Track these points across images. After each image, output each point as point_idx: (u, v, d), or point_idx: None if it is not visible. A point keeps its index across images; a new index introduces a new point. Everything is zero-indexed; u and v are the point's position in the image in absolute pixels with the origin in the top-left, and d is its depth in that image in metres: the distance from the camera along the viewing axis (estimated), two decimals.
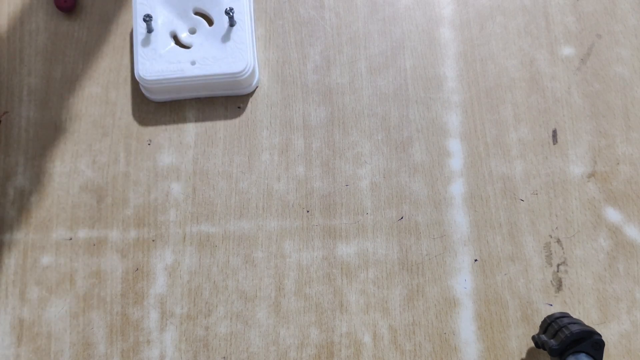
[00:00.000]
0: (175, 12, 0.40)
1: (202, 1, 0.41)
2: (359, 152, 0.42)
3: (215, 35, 0.40)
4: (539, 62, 0.43)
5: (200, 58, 0.40)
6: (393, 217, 0.41)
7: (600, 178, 0.41)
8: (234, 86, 0.41)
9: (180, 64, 0.40)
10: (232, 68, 0.40)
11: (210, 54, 0.40)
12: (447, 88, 0.43)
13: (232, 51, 0.40)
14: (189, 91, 0.41)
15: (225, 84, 0.40)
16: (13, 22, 0.43)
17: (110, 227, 0.40)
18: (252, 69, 0.40)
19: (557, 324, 0.36)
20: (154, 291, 0.39)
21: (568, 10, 0.44)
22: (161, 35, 0.40)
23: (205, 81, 0.40)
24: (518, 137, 0.42)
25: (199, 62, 0.40)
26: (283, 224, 0.40)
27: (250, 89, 0.42)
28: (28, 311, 0.39)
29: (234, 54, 0.40)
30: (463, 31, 0.44)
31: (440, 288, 0.40)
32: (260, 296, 0.39)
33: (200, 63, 0.40)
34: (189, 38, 0.41)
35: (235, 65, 0.40)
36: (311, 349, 0.39)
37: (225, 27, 0.40)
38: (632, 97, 0.43)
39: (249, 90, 0.42)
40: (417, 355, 0.39)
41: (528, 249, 0.40)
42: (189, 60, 0.40)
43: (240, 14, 0.40)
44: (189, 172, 0.41)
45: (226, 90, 0.42)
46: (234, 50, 0.40)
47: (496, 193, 0.41)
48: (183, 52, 0.40)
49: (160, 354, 0.38)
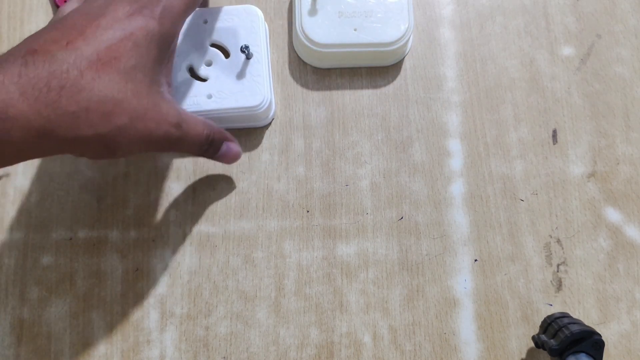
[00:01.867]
0: (192, 44, 0.40)
1: (219, 33, 0.40)
2: (359, 152, 0.42)
3: (232, 68, 0.40)
4: (539, 62, 0.43)
5: (216, 92, 0.39)
6: (393, 217, 0.41)
7: (600, 178, 0.41)
8: (250, 119, 0.41)
9: (196, 97, 0.39)
10: (248, 102, 0.39)
11: (227, 87, 0.39)
12: (447, 88, 0.43)
13: (249, 84, 0.39)
14: None
15: (241, 117, 0.40)
16: (13, 22, 0.43)
17: (110, 227, 0.40)
18: (269, 102, 0.40)
19: (557, 324, 0.36)
20: (154, 291, 0.39)
21: (568, 10, 0.44)
22: (177, 68, 0.39)
23: (220, 115, 0.39)
24: (518, 137, 0.42)
25: (215, 96, 0.39)
26: (283, 224, 0.40)
27: (266, 121, 0.42)
28: (28, 311, 0.39)
29: (250, 87, 0.39)
30: (463, 31, 0.44)
31: (440, 288, 0.40)
32: (260, 296, 0.39)
33: (216, 97, 0.39)
34: (205, 70, 0.40)
35: (252, 99, 0.39)
36: (311, 349, 0.39)
37: (241, 60, 0.40)
38: (632, 97, 0.43)
39: (265, 122, 0.42)
40: (417, 355, 0.39)
41: (528, 249, 0.40)
42: (205, 94, 0.39)
43: (256, 47, 0.40)
44: (189, 172, 0.41)
45: (242, 123, 0.41)
46: (250, 83, 0.39)
47: (496, 193, 0.41)
48: (199, 85, 0.39)
49: (160, 354, 0.38)
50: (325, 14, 0.40)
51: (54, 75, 0.27)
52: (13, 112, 0.26)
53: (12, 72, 0.27)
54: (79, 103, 0.28)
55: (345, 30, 0.40)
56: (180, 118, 0.32)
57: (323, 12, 0.41)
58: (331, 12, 0.40)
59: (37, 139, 0.27)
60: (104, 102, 0.28)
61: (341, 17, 0.40)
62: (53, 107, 0.27)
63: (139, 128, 0.30)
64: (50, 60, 0.27)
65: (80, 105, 0.28)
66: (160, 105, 0.31)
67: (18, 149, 0.27)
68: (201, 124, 0.34)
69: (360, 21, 0.40)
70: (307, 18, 0.40)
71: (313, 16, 0.40)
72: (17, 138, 0.27)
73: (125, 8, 0.30)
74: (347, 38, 0.40)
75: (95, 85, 0.28)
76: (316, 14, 0.40)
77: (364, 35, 0.40)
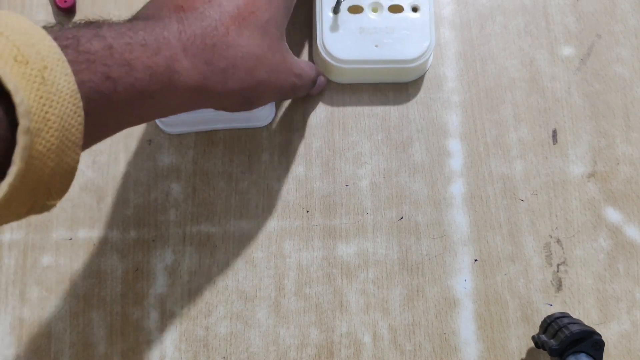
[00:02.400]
0: None
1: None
2: (359, 152, 0.42)
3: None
4: (539, 62, 0.43)
5: None
6: (393, 217, 0.41)
7: (600, 178, 0.41)
8: (250, 119, 0.41)
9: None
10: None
11: None
12: (447, 88, 0.43)
13: None
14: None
15: (242, 117, 0.40)
16: None
17: (110, 227, 0.40)
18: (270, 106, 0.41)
19: (557, 324, 0.36)
20: (154, 291, 0.39)
21: (568, 10, 0.44)
22: None
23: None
24: (518, 137, 0.42)
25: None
26: (283, 224, 0.40)
27: (266, 121, 0.42)
28: (28, 311, 0.39)
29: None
30: (463, 31, 0.44)
31: (440, 288, 0.40)
32: (260, 296, 0.39)
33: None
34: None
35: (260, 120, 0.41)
36: (311, 349, 0.39)
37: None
38: (632, 97, 0.43)
39: (265, 122, 0.42)
40: (417, 355, 0.39)
41: (528, 249, 0.40)
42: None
43: None
44: (189, 172, 0.41)
45: (242, 123, 0.41)
46: None
47: (496, 193, 0.41)
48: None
49: (160, 354, 0.38)
50: (347, 30, 0.40)
51: (206, 33, 0.29)
52: (178, 67, 0.27)
53: (173, 29, 0.28)
54: (227, 59, 0.29)
55: (367, 46, 0.40)
56: (300, 67, 0.35)
57: (344, 27, 0.40)
58: (352, 27, 0.40)
59: (194, 92, 0.29)
60: (247, 58, 0.30)
61: (362, 33, 0.40)
62: (208, 64, 0.29)
63: (273, 81, 0.32)
64: (200, 17, 0.29)
65: (228, 62, 0.29)
66: (286, 58, 0.33)
67: (179, 102, 0.29)
68: (309, 67, 0.36)
69: (382, 37, 0.40)
70: (329, 33, 0.40)
71: (334, 32, 0.40)
72: (180, 91, 0.28)
73: None
74: (368, 54, 0.40)
75: (239, 42, 0.30)
76: (337, 30, 0.40)
77: (386, 52, 0.40)
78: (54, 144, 0.21)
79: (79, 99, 0.22)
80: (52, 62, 0.22)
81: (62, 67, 0.22)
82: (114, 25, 0.26)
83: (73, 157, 0.23)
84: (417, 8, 0.40)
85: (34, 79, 0.21)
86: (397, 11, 0.40)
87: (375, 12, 0.40)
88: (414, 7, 0.41)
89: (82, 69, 0.24)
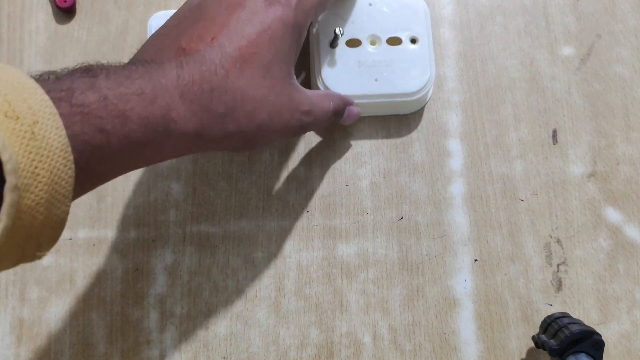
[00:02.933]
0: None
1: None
2: (359, 152, 0.42)
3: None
4: (539, 62, 0.43)
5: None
6: (393, 217, 0.41)
7: (600, 178, 0.41)
8: None
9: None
10: None
11: None
12: (447, 88, 0.43)
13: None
14: None
15: None
16: (13, 22, 0.43)
17: (110, 227, 0.40)
18: None
19: (557, 324, 0.36)
20: (153, 291, 0.39)
21: (568, 10, 0.44)
22: None
23: None
24: (518, 137, 0.42)
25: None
26: (283, 224, 0.40)
27: None
28: (28, 311, 0.39)
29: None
30: (463, 31, 0.44)
31: (440, 288, 0.40)
32: (260, 296, 0.39)
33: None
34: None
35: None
36: (311, 349, 0.39)
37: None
38: (632, 97, 0.43)
39: None
40: (417, 355, 0.39)
41: (528, 249, 0.40)
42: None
43: None
44: (189, 172, 0.41)
45: None
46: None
47: (496, 193, 0.41)
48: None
49: (160, 354, 0.38)
50: (345, 64, 0.39)
51: (204, 78, 0.28)
52: (175, 115, 0.27)
53: (171, 76, 0.27)
54: (226, 104, 0.29)
55: (366, 81, 0.39)
56: (310, 103, 0.33)
57: (342, 62, 0.39)
58: (351, 61, 0.39)
59: (191, 138, 0.28)
60: (246, 101, 0.29)
61: (361, 67, 0.39)
62: (206, 110, 0.28)
63: (275, 122, 0.31)
64: (200, 60, 0.28)
65: (227, 106, 0.29)
66: (293, 97, 0.32)
67: (174, 148, 0.28)
68: (326, 99, 0.35)
69: (381, 71, 0.39)
70: (327, 68, 0.39)
71: (332, 66, 0.39)
72: (175, 138, 0.28)
73: None
74: (368, 89, 0.39)
75: (239, 84, 0.29)
76: (335, 64, 0.39)
77: (385, 86, 0.39)
78: (43, 198, 0.21)
79: (69, 152, 0.22)
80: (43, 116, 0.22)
81: (53, 120, 0.22)
82: (112, 73, 0.26)
83: (63, 209, 0.23)
84: (416, 40, 0.40)
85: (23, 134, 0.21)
86: (395, 43, 0.40)
87: (374, 45, 0.40)
88: (412, 39, 0.40)
89: (74, 121, 0.23)
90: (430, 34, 0.40)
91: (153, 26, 0.40)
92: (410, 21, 0.40)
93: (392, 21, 0.40)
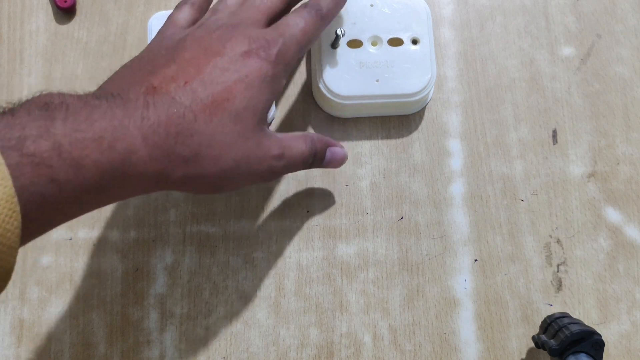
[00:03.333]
0: None
1: None
2: (359, 152, 0.42)
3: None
4: (539, 62, 0.43)
5: None
6: (393, 217, 0.41)
7: (600, 178, 0.41)
8: None
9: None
10: None
11: None
12: (447, 88, 0.43)
13: None
14: None
15: None
16: (13, 22, 0.43)
17: (110, 227, 0.40)
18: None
19: (557, 324, 0.36)
20: (154, 291, 0.39)
21: (568, 10, 0.44)
22: None
23: None
24: (518, 137, 0.42)
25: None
26: (283, 224, 0.40)
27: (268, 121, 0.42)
28: (28, 311, 0.39)
29: None
30: (463, 31, 0.44)
31: (440, 288, 0.40)
32: (260, 296, 0.39)
33: None
34: None
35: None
36: (311, 349, 0.39)
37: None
38: (632, 97, 0.43)
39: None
40: (417, 355, 0.39)
41: (528, 249, 0.40)
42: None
43: None
44: None
45: None
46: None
47: (496, 193, 0.41)
48: None
49: (160, 354, 0.38)
50: (346, 65, 0.39)
51: (171, 120, 0.27)
52: (135, 159, 0.26)
53: (136, 116, 0.27)
54: (190, 147, 0.28)
55: (367, 82, 0.39)
56: (282, 146, 0.32)
57: (343, 62, 0.39)
58: (352, 62, 0.39)
59: (152, 180, 0.28)
60: (213, 146, 0.29)
61: (363, 68, 0.39)
62: (169, 153, 0.27)
63: (243, 168, 0.30)
64: (169, 102, 0.28)
65: (191, 150, 0.28)
66: (262, 142, 0.31)
67: (132, 189, 0.28)
68: (302, 141, 0.33)
69: (382, 72, 0.39)
70: (328, 69, 0.39)
71: (334, 67, 0.39)
72: (135, 181, 0.27)
73: (243, 46, 0.30)
74: (369, 90, 0.39)
75: (206, 129, 0.28)
76: (337, 65, 0.39)
77: (386, 87, 0.39)
78: None
79: (16, 203, 0.22)
80: None
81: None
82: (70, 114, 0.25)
83: (9, 260, 0.22)
84: (417, 40, 0.40)
85: None
86: (396, 44, 0.40)
87: (375, 46, 0.40)
88: (413, 40, 0.40)
89: (24, 172, 0.23)
90: (431, 35, 0.40)
91: (153, 26, 0.40)
92: (411, 22, 0.40)
93: (394, 22, 0.40)
